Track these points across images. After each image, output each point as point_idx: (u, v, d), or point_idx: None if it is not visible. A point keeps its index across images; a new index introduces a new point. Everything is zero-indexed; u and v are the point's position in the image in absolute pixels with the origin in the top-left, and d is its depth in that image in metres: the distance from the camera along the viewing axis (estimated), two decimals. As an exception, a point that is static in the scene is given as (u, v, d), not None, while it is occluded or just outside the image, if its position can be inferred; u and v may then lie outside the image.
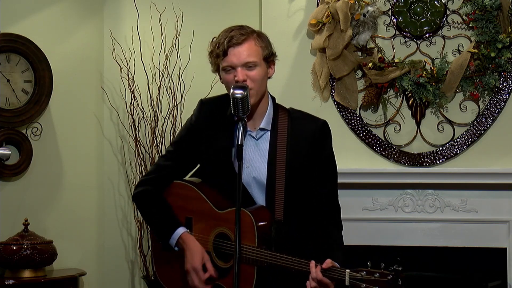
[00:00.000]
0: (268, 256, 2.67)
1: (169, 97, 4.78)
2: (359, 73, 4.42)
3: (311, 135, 2.81)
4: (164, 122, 4.77)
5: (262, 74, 2.77)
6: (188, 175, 3.01)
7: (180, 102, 4.76)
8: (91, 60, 4.87)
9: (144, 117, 4.81)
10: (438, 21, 4.35)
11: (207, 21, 4.81)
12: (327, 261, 2.60)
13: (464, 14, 4.30)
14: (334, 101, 4.42)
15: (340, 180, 2.91)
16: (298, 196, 2.79)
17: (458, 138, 4.32)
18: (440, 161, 4.33)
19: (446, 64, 4.28)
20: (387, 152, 4.38)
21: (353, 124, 4.41)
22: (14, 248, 4.22)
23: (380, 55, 4.35)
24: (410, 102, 4.35)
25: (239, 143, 2.55)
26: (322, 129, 2.83)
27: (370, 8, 4.32)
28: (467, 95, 4.32)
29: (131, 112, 4.79)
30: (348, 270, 2.54)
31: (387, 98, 4.39)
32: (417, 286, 4.19)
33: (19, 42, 4.41)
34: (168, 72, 4.78)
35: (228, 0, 4.91)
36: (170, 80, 4.79)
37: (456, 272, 4.39)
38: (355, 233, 4.28)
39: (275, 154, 2.79)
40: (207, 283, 2.80)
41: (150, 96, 4.80)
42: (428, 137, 4.36)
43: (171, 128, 4.75)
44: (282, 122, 2.83)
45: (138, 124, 4.81)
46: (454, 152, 4.31)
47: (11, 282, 4.19)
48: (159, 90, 4.79)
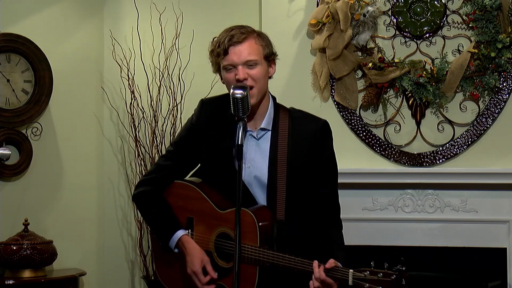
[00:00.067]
0: (271, 256, 2.67)
1: (169, 97, 4.77)
2: (359, 73, 4.42)
3: (312, 135, 2.81)
4: (164, 122, 4.77)
5: (263, 73, 2.77)
6: (188, 175, 3.01)
7: (180, 102, 4.76)
8: (91, 60, 4.87)
9: (144, 117, 4.81)
10: (438, 21, 4.35)
11: (207, 21, 4.81)
12: (330, 261, 2.60)
13: (464, 14, 4.30)
14: (334, 101, 4.42)
15: (340, 180, 2.91)
16: (299, 196, 2.79)
17: (458, 138, 4.32)
18: (440, 161, 4.33)
19: (446, 64, 4.28)
20: (387, 152, 4.38)
21: (353, 124, 4.41)
22: (14, 248, 4.22)
23: (380, 55, 4.35)
24: (410, 102, 4.35)
25: (239, 143, 2.56)
26: (323, 129, 2.83)
27: (370, 8, 4.32)
28: (467, 95, 4.32)
29: (131, 112, 4.79)
30: (351, 270, 2.54)
31: (387, 98, 4.39)
32: (417, 286, 4.18)
33: (19, 42, 4.41)
34: (168, 72, 4.78)
35: (228, 0, 4.91)
36: (170, 80, 4.78)
37: (456, 272, 4.38)
38: (355, 233, 4.28)
39: (276, 154, 2.79)
40: (209, 284, 2.80)
41: (150, 96, 4.80)
42: (428, 137, 4.36)
43: (171, 128, 4.75)
44: (283, 122, 2.83)
45: (138, 124, 4.80)
46: (454, 152, 4.31)
47: (11, 282, 4.18)
48: (159, 90, 4.79)
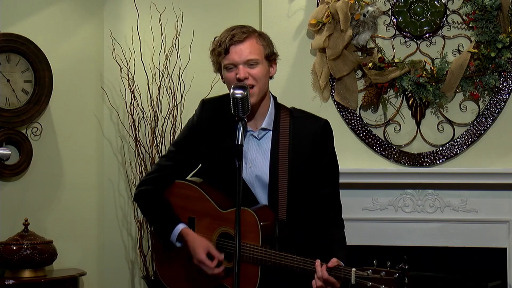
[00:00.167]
0: (273, 256, 2.67)
1: (169, 97, 4.77)
2: (359, 73, 4.42)
3: (313, 135, 2.82)
4: (164, 122, 4.77)
5: (263, 72, 2.78)
6: (189, 175, 3.01)
7: (180, 102, 4.76)
8: (91, 60, 4.87)
9: (144, 117, 4.81)
10: (438, 21, 4.35)
11: (207, 21, 4.81)
12: (333, 260, 2.61)
13: (464, 14, 4.30)
14: (334, 101, 4.42)
15: (340, 180, 2.92)
16: (300, 195, 2.79)
17: (458, 138, 4.32)
18: (440, 161, 4.33)
19: (446, 64, 4.28)
20: (387, 152, 4.38)
21: (353, 124, 4.41)
22: (14, 248, 4.22)
23: (380, 55, 4.35)
24: (410, 102, 4.35)
25: (239, 143, 2.57)
26: (324, 128, 2.84)
27: (370, 8, 4.32)
28: (467, 95, 4.32)
29: (131, 112, 4.79)
30: (354, 269, 2.54)
31: (387, 98, 4.39)
32: (417, 286, 4.18)
33: (19, 42, 4.41)
34: (168, 72, 4.78)
35: (228, 0, 4.91)
36: (170, 80, 4.78)
37: (456, 272, 4.38)
38: (355, 233, 4.28)
39: (277, 153, 2.80)
40: (218, 267, 2.78)
41: (150, 96, 4.80)
42: (428, 137, 4.36)
43: (171, 128, 4.75)
44: (284, 121, 2.84)
45: (138, 124, 4.80)
46: (454, 152, 4.31)
47: (11, 282, 4.19)
48: (159, 90, 4.79)
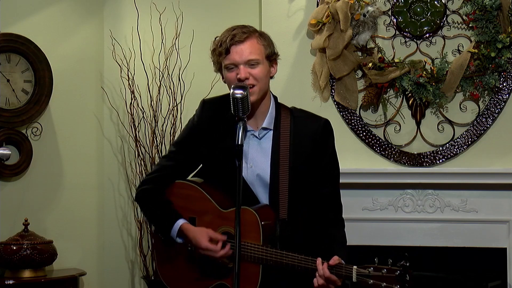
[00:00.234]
0: (274, 254, 2.68)
1: (169, 97, 4.77)
2: (359, 73, 4.42)
3: (313, 134, 2.82)
4: (164, 122, 4.77)
5: (264, 72, 2.78)
6: (190, 175, 3.01)
7: (180, 102, 4.76)
8: (91, 60, 4.87)
9: (144, 117, 4.81)
10: (438, 21, 4.35)
11: (207, 21, 4.81)
12: (334, 258, 2.61)
13: (464, 14, 4.30)
14: (334, 101, 4.42)
15: (341, 180, 2.92)
16: (301, 195, 2.79)
17: (458, 138, 4.33)
18: (440, 161, 4.33)
19: (446, 64, 4.28)
20: (387, 152, 4.38)
21: (353, 124, 4.41)
22: (14, 248, 4.22)
23: (380, 55, 4.35)
24: (410, 102, 4.35)
25: (238, 143, 2.57)
26: (324, 127, 2.84)
27: (370, 8, 4.32)
28: (467, 95, 4.32)
29: (131, 112, 4.79)
30: (355, 267, 2.55)
31: (387, 98, 4.39)
32: (417, 286, 4.18)
33: (19, 42, 4.41)
34: (168, 72, 4.78)
35: (228, 0, 4.91)
36: (170, 80, 4.78)
37: (456, 272, 4.38)
38: (355, 233, 4.27)
39: (278, 153, 2.80)
40: (223, 248, 2.77)
41: (150, 96, 4.80)
42: (428, 137, 4.37)
43: (171, 128, 4.75)
44: (284, 121, 2.84)
45: (138, 124, 4.80)
46: (454, 152, 4.32)
47: (11, 282, 4.18)
48: (159, 90, 4.79)
